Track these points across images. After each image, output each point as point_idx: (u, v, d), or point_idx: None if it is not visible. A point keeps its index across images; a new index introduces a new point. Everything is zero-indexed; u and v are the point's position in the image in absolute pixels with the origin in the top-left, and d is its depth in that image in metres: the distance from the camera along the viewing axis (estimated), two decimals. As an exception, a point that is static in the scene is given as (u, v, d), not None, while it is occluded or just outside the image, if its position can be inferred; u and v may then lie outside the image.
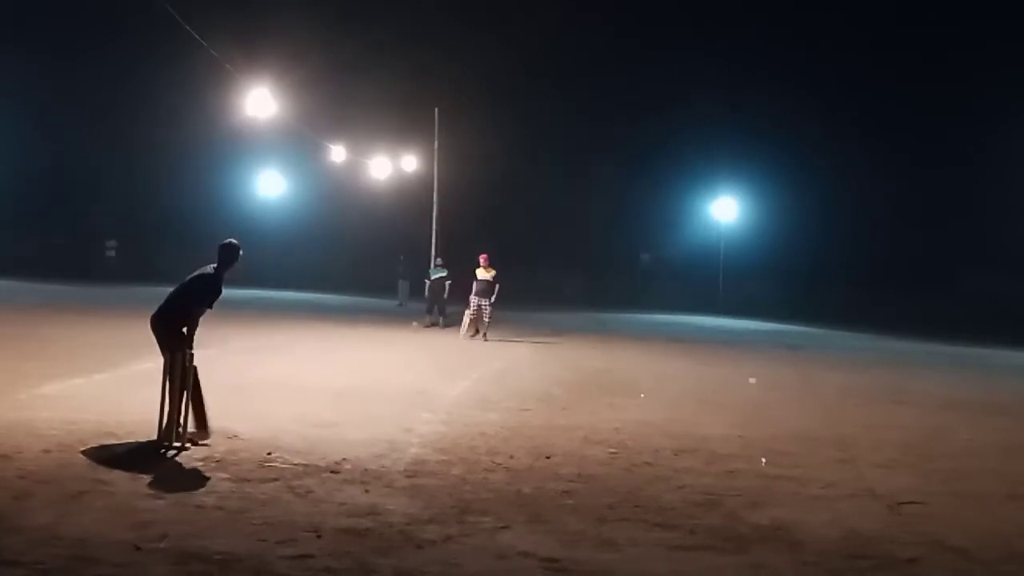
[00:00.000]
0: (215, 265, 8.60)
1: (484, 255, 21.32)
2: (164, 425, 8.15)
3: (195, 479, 7.17)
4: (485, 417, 10.54)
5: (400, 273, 32.10)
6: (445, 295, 23.90)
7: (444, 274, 24.17)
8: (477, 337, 20.55)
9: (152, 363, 9.67)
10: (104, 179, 43.83)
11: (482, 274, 21.01)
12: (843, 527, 6.84)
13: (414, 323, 23.34)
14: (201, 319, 8.59)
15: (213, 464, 7.59)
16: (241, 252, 8.71)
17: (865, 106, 45.38)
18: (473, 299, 20.97)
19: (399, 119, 33.78)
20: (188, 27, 16.17)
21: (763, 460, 9.00)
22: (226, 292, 8.73)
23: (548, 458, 8.58)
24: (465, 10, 42.30)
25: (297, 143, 30.41)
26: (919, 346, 27.21)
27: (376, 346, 18.52)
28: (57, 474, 6.99)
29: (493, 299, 20.73)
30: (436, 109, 29.73)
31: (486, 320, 20.69)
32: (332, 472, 7.55)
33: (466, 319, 21.10)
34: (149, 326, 8.57)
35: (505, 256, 25.13)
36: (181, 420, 8.22)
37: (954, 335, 29.88)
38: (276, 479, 7.24)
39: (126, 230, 43.68)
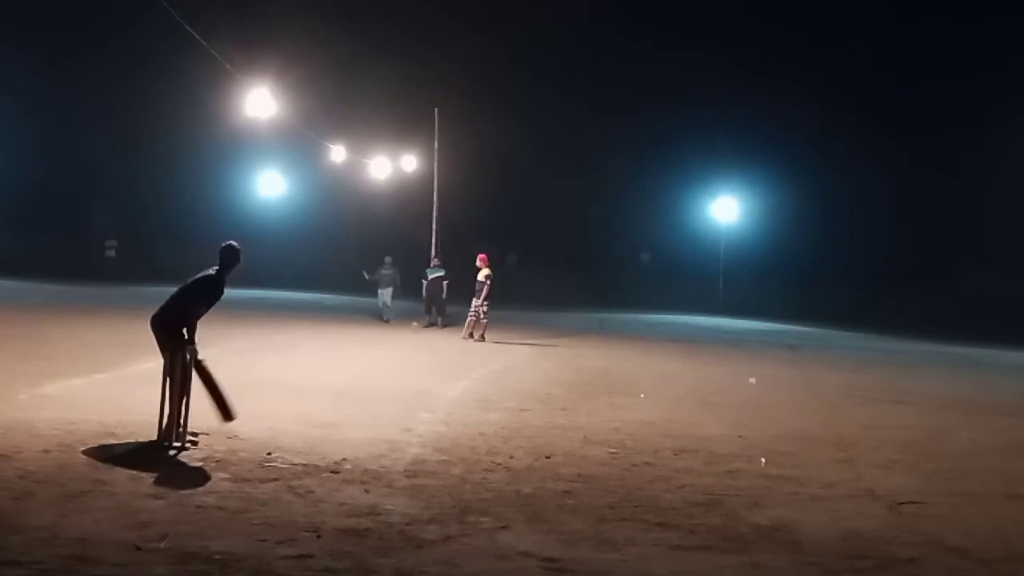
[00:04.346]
0: (216, 268, 8.63)
1: (481, 255, 21.33)
2: (164, 425, 8.16)
3: (195, 479, 7.17)
4: (485, 417, 10.54)
5: (381, 279, 24.77)
6: (444, 295, 23.87)
7: (441, 274, 24.12)
8: (472, 339, 20.49)
9: (152, 363, 9.67)
10: (104, 179, 43.80)
11: (479, 275, 21.03)
12: (843, 527, 6.84)
13: (414, 323, 23.33)
14: (199, 320, 8.62)
15: (213, 464, 7.60)
16: (242, 254, 8.73)
17: (865, 106, 45.41)
18: (473, 301, 21.00)
19: (399, 119, 33.76)
20: (188, 27, 16.17)
21: (763, 460, 9.00)
22: (227, 292, 8.75)
23: (548, 458, 8.59)
24: (465, 10, 42.33)
25: (297, 143, 30.39)
26: (919, 346, 27.20)
27: (376, 346, 18.51)
28: (57, 474, 7.00)
29: (482, 299, 20.66)
30: (436, 109, 29.72)
31: (482, 320, 20.66)
32: (332, 472, 7.56)
33: (468, 320, 21.10)
34: (149, 327, 8.59)
35: (504, 255, 25.10)
36: (181, 420, 8.23)
37: (954, 335, 29.87)
38: (276, 479, 7.25)
39: (126, 230, 43.65)
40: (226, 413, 8.47)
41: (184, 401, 8.28)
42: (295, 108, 23.15)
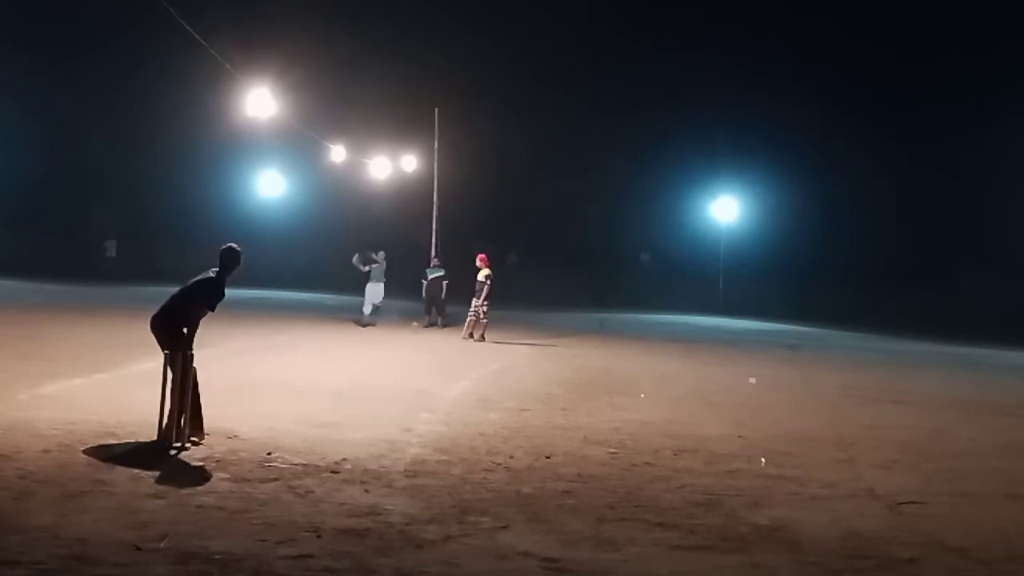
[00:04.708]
0: (216, 269, 8.64)
1: (481, 255, 21.36)
2: (164, 425, 8.15)
3: (195, 479, 7.17)
4: (485, 417, 10.54)
5: (372, 271, 23.30)
6: (443, 295, 23.86)
7: (441, 274, 24.12)
8: (472, 339, 20.51)
9: (152, 363, 9.67)
10: (104, 179, 43.83)
11: (479, 275, 21.07)
12: (843, 527, 6.84)
13: (414, 323, 23.33)
14: (201, 321, 8.63)
15: (213, 464, 7.60)
16: (242, 256, 8.74)
17: (865, 106, 45.42)
18: (472, 300, 21.03)
19: (399, 119, 33.78)
20: (188, 27, 16.17)
21: (763, 460, 9.00)
22: (227, 292, 8.75)
23: (548, 458, 8.59)
24: (465, 10, 42.35)
25: (297, 143, 30.40)
26: (919, 346, 27.20)
27: (376, 346, 18.51)
28: (57, 474, 6.99)
29: (482, 299, 20.69)
30: (436, 109, 29.73)
31: (482, 320, 20.68)
32: (332, 472, 7.56)
33: (468, 320, 21.12)
34: (149, 327, 8.59)
35: (504, 256, 25.04)
36: (182, 420, 8.23)
37: (954, 335, 29.87)
38: (276, 479, 7.25)
39: (126, 230, 43.66)
40: (197, 431, 8.33)
41: (184, 401, 8.28)
42: (295, 108, 23.15)
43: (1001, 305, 36.65)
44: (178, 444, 8.08)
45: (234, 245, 8.75)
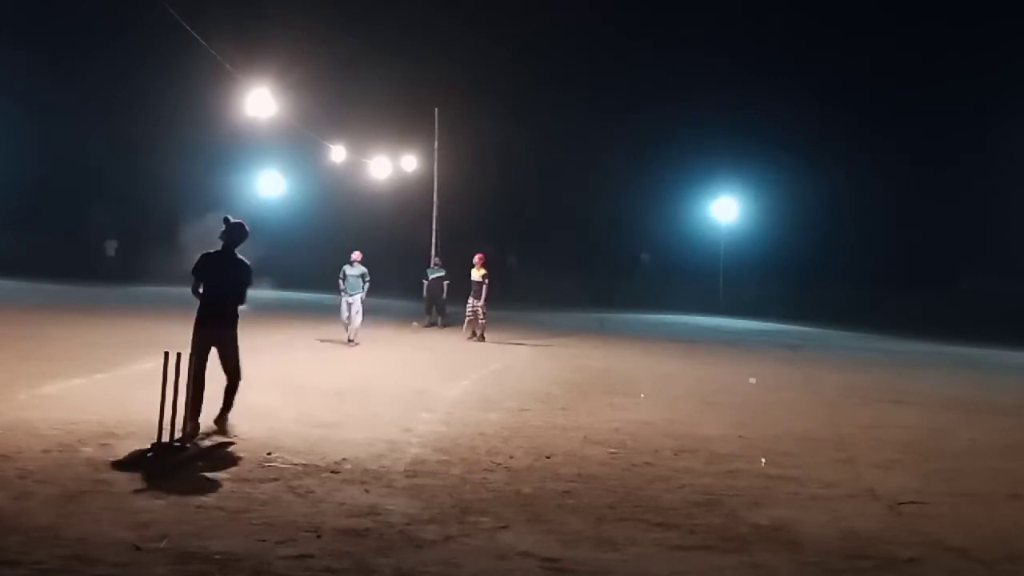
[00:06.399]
0: (227, 244, 8.84)
1: (479, 255, 21.37)
2: (186, 424, 8.16)
3: (195, 479, 7.17)
4: (485, 417, 10.54)
5: (346, 282, 19.48)
6: (444, 295, 23.88)
7: (442, 274, 24.15)
8: (474, 338, 20.55)
9: (152, 363, 9.66)
10: (104, 179, 43.83)
11: (474, 274, 21.08)
12: (843, 527, 6.84)
13: (414, 323, 23.35)
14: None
15: (213, 464, 7.60)
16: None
17: (865, 106, 45.46)
18: (469, 300, 21.04)
19: (399, 119, 33.79)
20: (189, 27, 16.18)
21: (763, 460, 9.00)
22: (228, 293, 8.82)
23: (548, 458, 8.59)
24: (465, 10, 42.37)
25: (297, 143, 30.41)
26: (919, 346, 27.20)
27: (376, 346, 18.51)
28: (57, 474, 6.99)
29: (483, 299, 20.73)
30: (436, 109, 29.74)
31: (481, 320, 20.70)
32: (332, 472, 7.56)
33: (467, 320, 21.15)
34: (212, 325, 8.63)
35: (504, 256, 24.98)
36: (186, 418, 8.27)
37: (954, 335, 29.87)
38: (276, 479, 7.25)
39: (126, 230, 43.65)
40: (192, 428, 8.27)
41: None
42: (295, 108, 23.17)
43: (1001, 305, 36.64)
44: (179, 441, 8.11)
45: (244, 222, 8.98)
